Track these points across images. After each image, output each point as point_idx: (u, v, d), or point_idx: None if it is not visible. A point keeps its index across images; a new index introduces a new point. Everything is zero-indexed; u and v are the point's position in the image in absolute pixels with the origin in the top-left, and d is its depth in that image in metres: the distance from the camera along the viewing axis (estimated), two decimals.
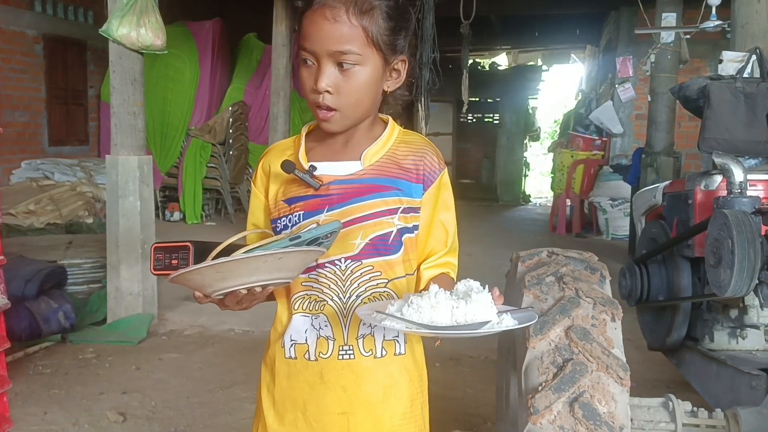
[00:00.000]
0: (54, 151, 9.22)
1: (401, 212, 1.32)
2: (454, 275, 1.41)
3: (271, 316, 1.42)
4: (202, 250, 1.21)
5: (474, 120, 16.75)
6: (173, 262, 1.23)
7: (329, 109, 1.28)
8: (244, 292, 1.14)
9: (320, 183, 1.31)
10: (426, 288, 1.36)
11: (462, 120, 16.24)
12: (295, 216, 1.32)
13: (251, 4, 10.73)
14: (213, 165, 9.67)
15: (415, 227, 1.35)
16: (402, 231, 1.33)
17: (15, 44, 8.57)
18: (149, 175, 5.03)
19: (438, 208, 1.38)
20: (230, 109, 9.69)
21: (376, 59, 1.28)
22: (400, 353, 1.35)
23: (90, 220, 7.97)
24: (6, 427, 1.58)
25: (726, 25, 5.04)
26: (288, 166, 1.30)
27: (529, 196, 16.09)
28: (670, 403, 2.29)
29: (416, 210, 1.35)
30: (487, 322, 1.09)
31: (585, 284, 2.04)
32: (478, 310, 1.10)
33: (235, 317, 4.99)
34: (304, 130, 1.41)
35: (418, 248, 1.37)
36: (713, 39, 7.00)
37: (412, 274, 1.37)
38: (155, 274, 1.26)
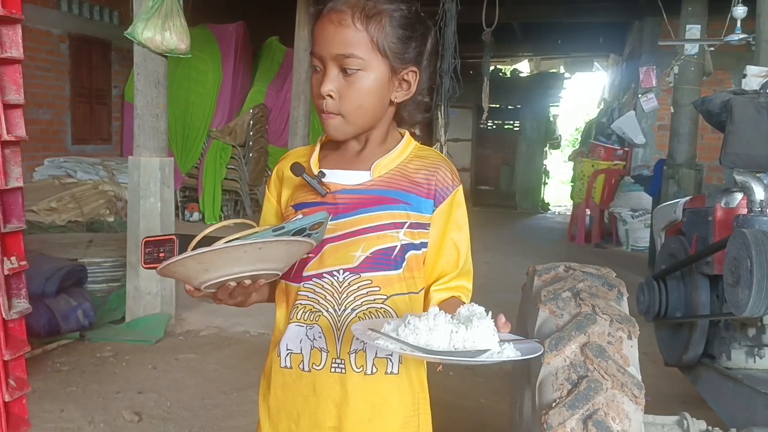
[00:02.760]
0: (77, 150, 9.32)
1: (408, 227, 1.29)
2: (467, 300, 1.35)
3: None
4: (188, 243, 1.21)
5: (494, 126, 16.70)
6: (160, 255, 1.25)
7: (330, 114, 1.27)
8: (233, 284, 1.14)
9: (327, 190, 1.30)
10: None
11: (482, 126, 16.19)
12: None
13: (274, 8, 10.79)
14: (233, 167, 9.73)
15: (423, 244, 1.31)
16: (407, 247, 1.29)
17: (40, 42, 8.67)
18: (170, 177, 5.09)
19: (449, 227, 1.33)
20: (251, 111, 9.74)
21: (381, 66, 1.26)
22: (392, 372, 1.30)
23: (111, 219, 8.04)
24: (24, 429, 1.60)
25: (751, 39, 5.00)
26: (297, 168, 1.30)
27: (548, 204, 16.01)
28: (685, 422, 2.26)
29: (424, 226, 1.31)
30: (485, 351, 1.03)
31: (602, 301, 2.03)
32: (479, 336, 1.04)
33: (250, 319, 5.02)
34: (321, 138, 1.40)
35: (426, 268, 1.33)
36: (738, 51, 6.92)
37: (417, 293, 1.32)
38: (146, 268, 1.28)
